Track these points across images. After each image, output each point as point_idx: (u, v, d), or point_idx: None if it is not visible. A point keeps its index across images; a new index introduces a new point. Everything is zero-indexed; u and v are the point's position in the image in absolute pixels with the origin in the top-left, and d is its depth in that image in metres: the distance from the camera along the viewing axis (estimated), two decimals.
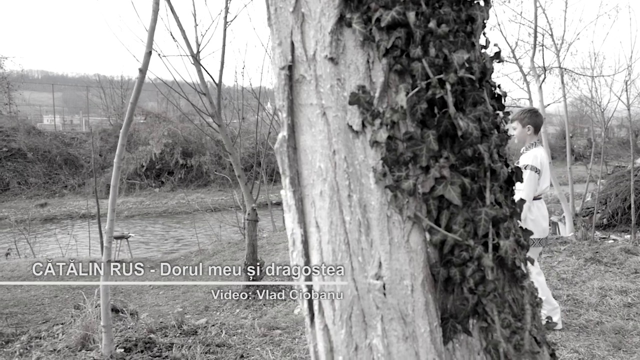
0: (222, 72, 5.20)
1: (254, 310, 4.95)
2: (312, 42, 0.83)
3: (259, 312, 5.04)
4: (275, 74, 1.02)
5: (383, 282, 0.85)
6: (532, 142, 3.20)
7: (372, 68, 0.84)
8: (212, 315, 4.74)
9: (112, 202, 2.09)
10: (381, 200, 0.85)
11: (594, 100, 10.21)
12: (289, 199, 0.89)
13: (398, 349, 0.87)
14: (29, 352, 2.70)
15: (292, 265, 1.05)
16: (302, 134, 0.86)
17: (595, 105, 10.43)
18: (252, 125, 15.35)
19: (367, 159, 0.85)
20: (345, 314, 0.84)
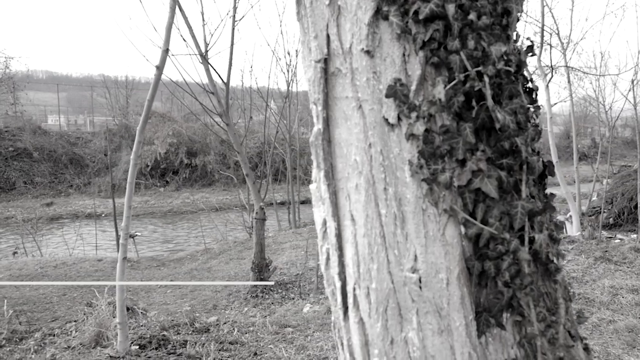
0: (230, 72, 5.21)
1: (262, 308, 4.96)
2: (348, 35, 0.83)
3: (267, 310, 5.04)
4: (306, 68, 1.02)
5: (419, 275, 0.84)
6: None
7: (407, 61, 0.84)
8: (221, 313, 4.75)
9: (129, 199, 2.10)
10: (416, 193, 0.85)
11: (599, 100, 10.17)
12: (322, 192, 0.89)
13: (433, 342, 0.86)
14: (43, 349, 2.71)
15: (322, 259, 1.05)
16: (336, 127, 0.86)
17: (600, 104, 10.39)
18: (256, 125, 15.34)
19: (402, 152, 0.85)
20: (381, 307, 0.84)
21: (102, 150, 16.70)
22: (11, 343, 2.91)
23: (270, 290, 5.51)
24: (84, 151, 16.54)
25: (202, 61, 5.03)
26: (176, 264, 8.10)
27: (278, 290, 5.60)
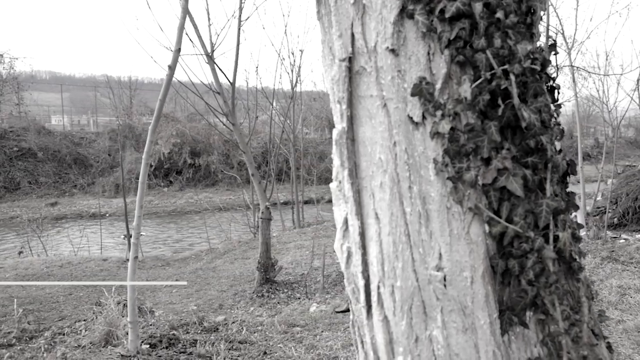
0: (236, 72, 5.22)
1: (268, 308, 4.96)
2: (372, 34, 0.83)
3: (273, 310, 5.05)
4: (326, 67, 1.02)
5: (444, 273, 0.85)
6: None
7: (432, 60, 0.84)
8: (227, 313, 4.75)
9: (140, 198, 2.11)
10: (441, 191, 0.85)
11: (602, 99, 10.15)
12: (346, 190, 0.89)
13: (457, 340, 0.87)
14: (54, 347, 2.72)
15: (342, 258, 1.05)
16: (361, 126, 0.87)
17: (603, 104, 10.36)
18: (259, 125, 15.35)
19: (426, 150, 0.86)
20: (406, 306, 0.84)
21: (106, 150, 16.75)
22: (21, 342, 2.92)
23: (276, 290, 5.52)
24: (88, 151, 16.59)
25: (208, 61, 5.04)
26: (181, 263, 8.12)
27: (284, 289, 5.61)
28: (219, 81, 5.12)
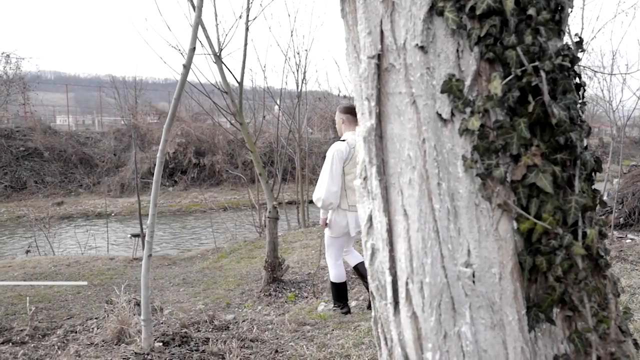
0: (243, 71, 5.23)
1: (276, 307, 4.97)
2: (402, 31, 0.84)
3: (281, 309, 5.05)
4: (350, 64, 1.03)
5: (472, 270, 0.85)
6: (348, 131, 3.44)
7: (461, 57, 0.84)
8: (235, 312, 4.77)
9: (154, 197, 2.12)
10: (470, 188, 0.85)
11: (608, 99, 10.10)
12: (374, 187, 0.89)
13: (485, 337, 0.87)
14: (67, 345, 2.74)
15: (366, 255, 1.06)
16: (389, 123, 0.87)
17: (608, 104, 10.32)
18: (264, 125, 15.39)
19: (454, 147, 0.86)
20: (435, 302, 0.84)
21: (111, 150, 16.82)
22: (34, 339, 2.94)
23: (284, 289, 5.53)
24: (94, 151, 16.66)
25: (215, 61, 5.06)
26: (187, 262, 8.14)
27: (291, 288, 5.61)
28: (226, 81, 5.13)
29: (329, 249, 3.64)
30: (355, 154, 3.39)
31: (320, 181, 3.41)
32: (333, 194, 3.33)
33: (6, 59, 15.87)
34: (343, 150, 3.34)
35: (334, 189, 3.31)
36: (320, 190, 3.37)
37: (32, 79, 18.29)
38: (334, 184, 3.30)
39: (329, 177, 3.31)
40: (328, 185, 3.31)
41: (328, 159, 3.37)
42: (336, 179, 3.32)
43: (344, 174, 3.37)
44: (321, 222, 3.58)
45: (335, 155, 3.32)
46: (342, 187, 3.39)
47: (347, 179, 3.38)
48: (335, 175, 3.32)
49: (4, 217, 12.84)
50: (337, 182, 3.33)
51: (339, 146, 3.36)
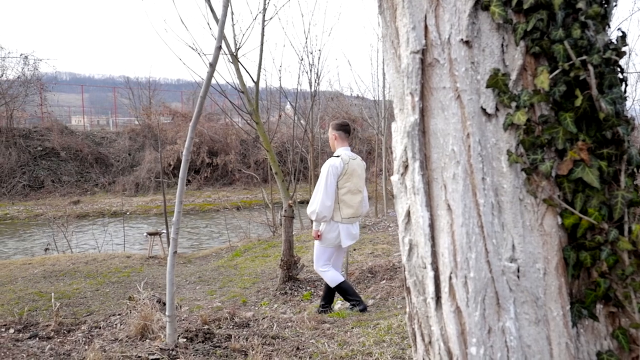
0: (260, 71, 5.25)
1: (292, 305, 4.99)
2: (446, 26, 0.84)
3: (297, 307, 5.07)
4: (388, 60, 1.03)
5: (517, 265, 0.85)
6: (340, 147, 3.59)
7: (506, 51, 0.84)
8: (252, 310, 4.80)
9: (180, 194, 2.15)
10: (514, 183, 0.85)
11: None
12: (416, 182, 0.90)
13: (529, 332, 0.87)
14: (92, 341, 2.79)
15: (404, 250, 1.06)
16: (432, 118, 0.87)
17: None
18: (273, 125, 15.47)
19: (498, 142, 0.86)
20: (480, 297, 0.84)
21: (126, 150, 17.04)
22: (59, 335, 3.00)
23: (299, 287, 5.55)
24: (109, 151, 16.90)
25: (232, 60, 5.09)
26: (202, 261, 8.22)
27: (306, 287, 5.63)
28: (243, 80, 5.16)
29: (318, 259, 3.78)
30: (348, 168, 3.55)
31: (314, 195, 3.56)
32: (327, 208, 3.48)
33: (24, 60, 16.19)
34: (337, 165, 3.49)
35: (328, 204, 3.47)
36: (314, 203, 3.52)
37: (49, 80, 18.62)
38: (328, 198, 3.45)
39: (323, 192, 3.45)
40: (322, 199, 3.45)
41: (323, 173, 3.52)
42: (330, 194, 3.47)
43: (338, 188, 3.51)
44: (314, 234, 3.71)
45: (330, 171, 3.47)
46: (336, 201, 3.53)
47: (340, 192, 3.53)
48: (330, 190, 3.46)
49: (23, 215, 13.10)
50: (331, 196, 3.47)
51: (333, 162, 3.51)
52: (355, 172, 3.57)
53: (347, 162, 3.53)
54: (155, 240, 8.44)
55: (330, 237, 3.61)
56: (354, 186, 3.57)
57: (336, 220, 3.56)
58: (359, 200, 3.63)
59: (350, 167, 3.53)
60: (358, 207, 3.64)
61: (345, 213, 3.56)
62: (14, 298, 5.75)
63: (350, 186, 3.54)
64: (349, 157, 3.58)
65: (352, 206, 3.59)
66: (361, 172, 3.69)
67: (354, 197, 3.60)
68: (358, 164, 3.65)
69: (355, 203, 3.61)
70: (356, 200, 3.61)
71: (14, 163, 14.95)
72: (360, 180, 3.66)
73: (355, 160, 3.62)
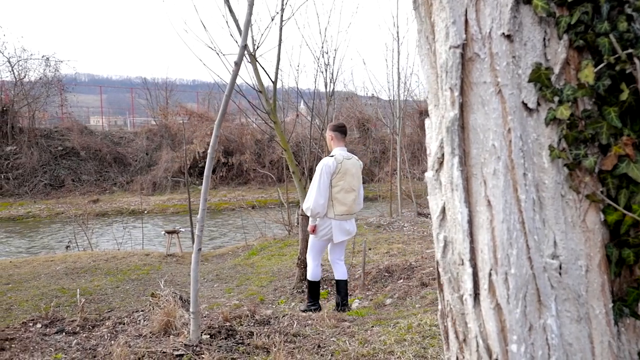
0: (277, 70, 5.28)
1: None
2: (487, 20, 0.83)
3: None
4: (423, 56, 1.03)
5: (559, 261, 0.84)
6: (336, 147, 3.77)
7: (548, 45, 0.83)
8: (270, 308, 4.83)
9: (205, 191, 2.17)
10: (556, 179, 0.84)
11: None
12: (455, 178, 0.89)
13: (570, 330, 0.85)
14: (116, 336, 2.84)
15: (438, 247, 1.05)
16: (472, 113, 0.87)
17: None
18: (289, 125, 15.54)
19: (539, 137, 0.85)
20: (521, 293, 0.83)
21: (144, 150, 17.29)
22: (85, 330, 3.06)
23: None
24: (127, 150, 17.17)
25: (250, 60, 5.12)
26: (219, 259, 8.29)
27: (323, 286, 5.63)
28: (261, 80, 5.19)
29: (311, 250, 4.04)
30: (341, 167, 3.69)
31: (309, 192, 3.77)
32: (320, 205, 3.66)
33: (46, 62, 16.56)
34: (330, 165, 3.68)
35: (322, 201, 3.65)
36: (309, 200, 3.72)
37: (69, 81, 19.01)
38: (321, 196, 3.63)
39: (317, 190, 3.63)
40: (316, 197, 3.63)
41: (317, 172, 3.70)
42: (323, 192, 3.64)
43: (331, 186, 3.68)
44: (309, 229, 3.90)
45: (324, 169, 3.65)
46: (330, 198, 3.70)
47: (333, 190, 3.70)
48: (323, 188, 3.63)
49: (44, 213, 13.40)
50: (325, 194, 3.65)
51: (327, 161, 3.71)
52: (349, 172, 3.72)
53: (340, 161, 3.69)
54: (173, 238, 8.54)
55: (322, 230, 3.81)
56: (347, 185, 3.72)
57: (329, 216, 3.74)
58: (352, 199, 3.78)
59: (343, 167, 3.69)
60: (351, 205, 3.79)
61: (338, 210, 3.73)
62: (38, 294, 5.89)
63: (343, 185, 3.70)
64: (343, 157, 3.75)
65: (345, 204, 3.75)
66: (355, 171, 3.82)
67: (347, 196, 3.75)
68: (352, 164, 3.79)
69: (349, 201, 3.75)
70: (349, 198, 3.75)
71: (36, 162, 15.31)
72: (354, 179, 3.79)
73: (349, 160, 3.78)
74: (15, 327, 3.10)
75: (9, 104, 15.60)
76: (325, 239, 3.88)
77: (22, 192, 14.65)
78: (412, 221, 9.94)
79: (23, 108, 15.98)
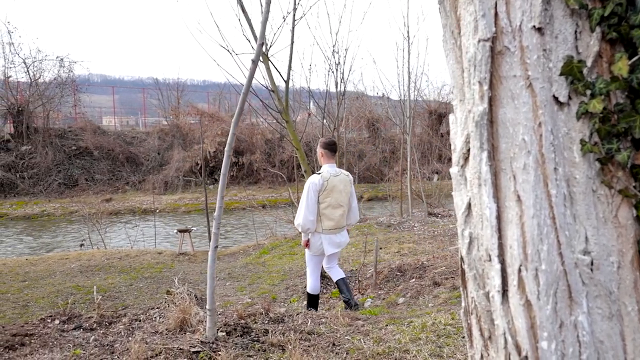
0: (290, 70, 5.28)
1: (321, 302, 5.00)
2: (518, 13, 0.82)
3: (326, 304, 5.08)
4: (448, 51, 1.02)
5: (591, 257, 0.82)
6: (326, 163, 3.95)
7: (579, 38, 0.82)
8: (282, 306, 4.84)
9: (222, 189, 2.18)
10: (587, 173, 0.83)
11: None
12: (483, 173, 0.88)
13: (601, 327, 0.84)
14: (133, 333, 2.87)
15: (464, 243, 1.05)
16: (501, 107, 0.86)
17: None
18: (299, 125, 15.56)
19: (570, 131, 0.84)
20: (551, 290, 0.82)
21: (155, 149, 17.45)
22: (101, 327, 3.10)
23: (328, 285, 5.55)
24: (139, 150, 17.35)
25: (263, 60, 5.14)
26: (230, 258, 8.33)
27: (334, 285, 5.63)
28: (273, 80, 5.21)
29: (308, 265, 4.19)
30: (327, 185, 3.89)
31: (299, 209, 3.96)
32: (310, 222, 3.85)
33: (60, 62, 16.81)
34: (317, 182, 3.88)
35: (311, 218, 3.84)
36: (299, 217, 3.92)
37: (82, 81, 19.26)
38: (310, 213, 3.84)
39: (305, 207, 3.84)
40: (305, 214, 3.84)
41: (305, 191, 3.92)
42: (311, 208, 3.83)
43: (319, 202, 3.88)
44: (303, 243, 4.10)
45: (310, 187, 3.87)
46: (318, 213, 3.90)
47: (321, 206, 3.90)
48: (311, 205, 3.84)
49: (58, 212, 13.60)
50: (313, 211, 3.84)
51: (313, 179, 3.92)
52: (336, 188, 3.93)
53: (327, 178, 3.91)
54: (185, 237, 8.61)
55: (315, 245, 4.02)
56: (335, 201, 3.94)
57: (318, 231, 3.96)
58: (339, 214, 4.00)
59: (330, 184, 3.90)
60: (339, 219, 4.01)
61: (326, 225, 3.96)
62: (54, 291, 5.98)
63: (330, 201, 3.91)
64: (330, 174, 3.95)
65: (333, 219, 3.96)
66: (343, 187, 4.01)
67: (335, 211, 3.96)
68: (340, 180, 3.98)
69: (336, 216, 3.98)
70: (337, 213, 3.98)
71: (50, 162, 15.55)
72: (342, 195, 3.99)
73: (337, 177, 3.97)
74: (34, 323, 3.15)
75: (25, 104, 15.87)
76: (320, 253, 4.08)
77: (37, 191, 14.89)
78: (422, 221, 9.88)
79: (38, 108, 16.24)
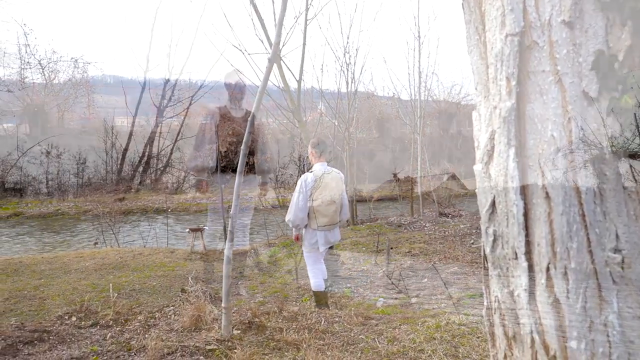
0: (302, 70, 5.29)
1: (333, 302, 5.00)
2: (547, 7, 0.81)
3: (338, 304, 5.08)
4: (472, 47, 1.01)
5: (622, 255, 0.81)
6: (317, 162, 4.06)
7: (609, 32, 0.81)
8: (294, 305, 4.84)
9: (237, 188, 2.19)
10: (617, 169, 0.82)
11: None
12: (510, 170, 0.87)
13: (632, 326, 0.82)
14: (148, 330, 2.89)
15: (487, 241, 1.03)
16: (529, 103, 0.84)
17: None
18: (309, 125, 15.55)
19: (600, 127, 0.82)
20: (581, 288, 0.81)
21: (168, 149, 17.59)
22: (117, 324, 3.13)
23: (339, 284, 5.55)
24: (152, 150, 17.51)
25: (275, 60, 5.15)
26: (241, 257, 8.36)
27: (346, 284, 5.63)
28: (285, 79, 5.22)
29: (307, 262, 4.29)
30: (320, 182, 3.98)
31: (290, 206, 4.07)
32: (300, 218, 3.95)
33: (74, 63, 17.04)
34: (309, 181, 3.97)
35: (301, 215, 3.94)
36: (290, 214, 4.02)
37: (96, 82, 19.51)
38: (300, 210, 3.92)
39: (296, 204, 3.93)
40: (295, 211, 3.93)
41: (297, 188, 4.01)
42: (302, 206, 3.92)
43: (312, 199, 3.96)
44: (294, 238, 4.23)
45: (303, 185, 3.94)
46: (312, 210, 3.98)
47: (315, 203, 3.98)
48: (302, 202, 3.91)
49: (73, 211, 13.80)
50: (304, 207, 3.93)
51: (306, 177, 4.02)
52: (329, 185, 4.03)
53: (319, 176, 4.00)
54: (196, 236, 8.66)
55: (309, 242, 4.11)
56: (328, 197, 4.03)
57: (313, 228, 4.06)
58: (333, 210, 4.10)
59: (323, 181, 4.00)
60: (332, 216, 4.10)
61: (320, 221, 4.06)
62: (69, 289, 6.04)
63: (323, 198, 4.01)
64: (323, 172, 4.07)
65: (327, 215, 4.06)
66: (336, 184, 4.12)
67: (328, 207, 4.06)
68: (332, 178, 4.09)
69: (330, 212, 4.08)
70: (330, 210, 4.08)
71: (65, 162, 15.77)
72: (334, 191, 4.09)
73: (329, 175, 4.08)
74: (51, 319, 3.20)
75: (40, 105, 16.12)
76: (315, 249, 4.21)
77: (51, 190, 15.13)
78: (433, 221, 9.82)
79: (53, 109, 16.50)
